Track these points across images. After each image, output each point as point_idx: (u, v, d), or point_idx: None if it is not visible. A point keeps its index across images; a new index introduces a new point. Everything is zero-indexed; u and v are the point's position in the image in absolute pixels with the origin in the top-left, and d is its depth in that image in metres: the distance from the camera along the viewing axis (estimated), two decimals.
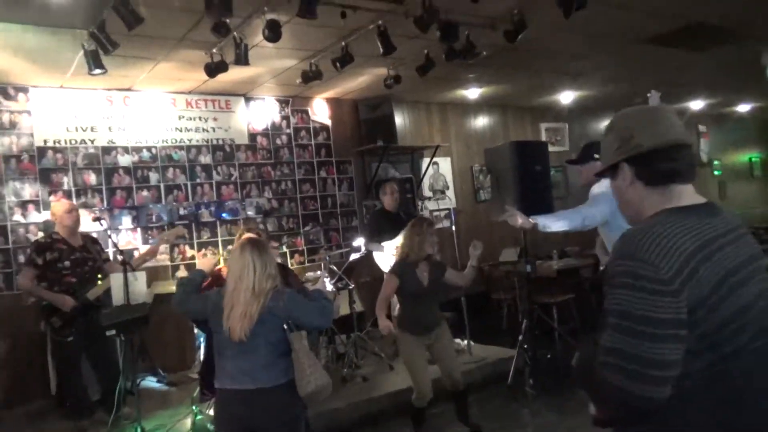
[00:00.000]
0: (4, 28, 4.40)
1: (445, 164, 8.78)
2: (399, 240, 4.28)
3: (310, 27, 4.74)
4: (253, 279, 2.84)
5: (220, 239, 6.87)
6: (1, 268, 5.67)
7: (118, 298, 4.23)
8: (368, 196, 7.91)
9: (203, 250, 6.73)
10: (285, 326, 2.91)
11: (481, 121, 9.40)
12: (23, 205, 5.81)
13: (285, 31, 4.53)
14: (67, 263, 4.66)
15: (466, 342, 6.03)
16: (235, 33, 4.58)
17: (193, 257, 6.66)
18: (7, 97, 5.80)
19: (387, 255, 5.58)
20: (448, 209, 8.22)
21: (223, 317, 2.87)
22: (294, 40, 5.13)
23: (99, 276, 4.75)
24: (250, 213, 7.10)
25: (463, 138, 9.09)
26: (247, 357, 2.87)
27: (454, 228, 6.66)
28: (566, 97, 9.20)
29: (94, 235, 5.28)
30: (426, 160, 8.38)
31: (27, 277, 4.64)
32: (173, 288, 5.83)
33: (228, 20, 4.13)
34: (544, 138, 9.81)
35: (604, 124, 10.74)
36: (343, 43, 5.21)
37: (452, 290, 4.67)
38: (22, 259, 5.61)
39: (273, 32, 4.41)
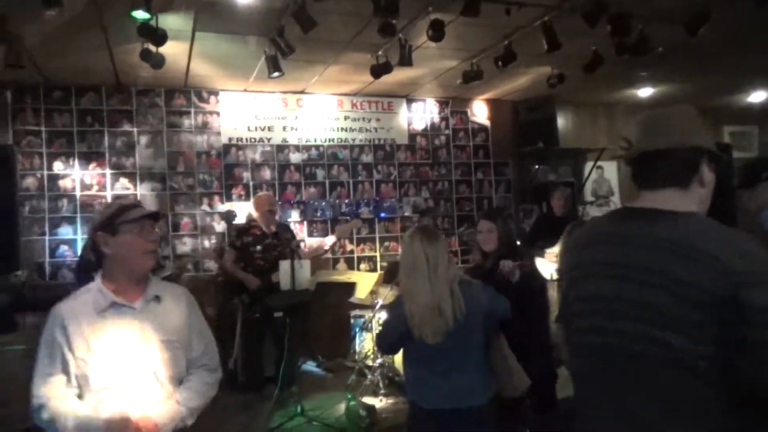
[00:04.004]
0: (201, 36, 4.98)
1: (610, 168, 8.28)
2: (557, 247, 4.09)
3: (472, 26, 4.76)
4: (427, 269, 2.44)
5: (377, 236, 7.14)
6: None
7: (285, 283, 4.55)
8: (526, 199, 7.71)
9: (361, 245, 7.06)
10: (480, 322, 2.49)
11: None
12: (210, 196, 6.52)
13: (448, 30, 4.59)
14: (259, 247, 5.12)
15: None
16: (400, 34, 4.74)
17: (352, 251, 6.99)
18: (201, 99, 6.56)
19: (546, 262, 5.40)
20: None
21: (409, 323, 2.47)
22: (456, 40, 5.17)
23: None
24: (407, 212, 7.29)
25: None
26: (447, 369, 2.46)
27: None
28: (757, 96, 8.23)
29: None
30: (589, 164, 7.98)
31: (229, 259, 5.19)
32: (334, 277, 6.13)
33: (394, 21, 4.29)
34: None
35: None
36: (506, 42, 5.15)
37: None
38: (207, 244, 6.31)
39: (436, 32, 4.50)
